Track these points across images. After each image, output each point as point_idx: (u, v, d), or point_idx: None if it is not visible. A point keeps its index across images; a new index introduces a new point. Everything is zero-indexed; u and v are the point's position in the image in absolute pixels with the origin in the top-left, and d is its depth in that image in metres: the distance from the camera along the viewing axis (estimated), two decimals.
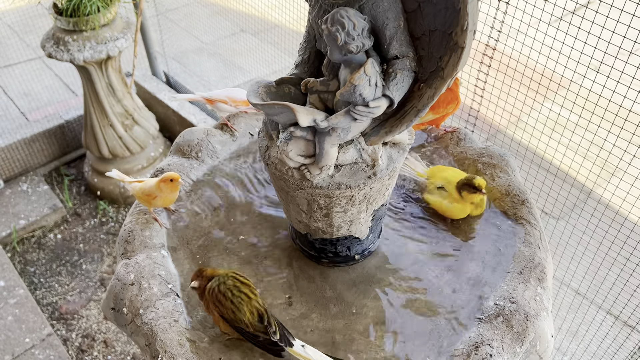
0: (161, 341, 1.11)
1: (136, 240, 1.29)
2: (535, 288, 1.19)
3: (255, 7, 3.93)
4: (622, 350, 2.03)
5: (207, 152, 1.52)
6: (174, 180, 1.28)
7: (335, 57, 0.96)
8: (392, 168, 1.10)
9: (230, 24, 4.23)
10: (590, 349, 2.06)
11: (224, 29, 4.21)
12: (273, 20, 4.23)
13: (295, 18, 3.02)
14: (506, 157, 1.45)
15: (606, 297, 1.93)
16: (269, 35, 4.03)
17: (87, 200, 3.05)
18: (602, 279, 1.91)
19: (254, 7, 3.98)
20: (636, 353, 2.20)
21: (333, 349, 1.15)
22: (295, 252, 1.33)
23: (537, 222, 1.34)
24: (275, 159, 1.11)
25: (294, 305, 1.24)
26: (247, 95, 1.03)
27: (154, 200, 1.29)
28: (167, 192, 1.28)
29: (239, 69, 3.86)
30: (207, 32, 4.21)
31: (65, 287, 2.63)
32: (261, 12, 4.03)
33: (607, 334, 2.09)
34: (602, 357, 2.04)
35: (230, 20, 4.26)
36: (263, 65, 3.68)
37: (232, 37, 4.17)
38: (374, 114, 0.98)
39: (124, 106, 2.84)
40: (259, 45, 3.99)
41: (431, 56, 0.99)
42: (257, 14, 4.10)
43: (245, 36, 4.16)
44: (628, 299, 1.81)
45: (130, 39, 2.64)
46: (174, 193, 1.30)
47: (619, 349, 2.01)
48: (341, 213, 1.13)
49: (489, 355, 1.08)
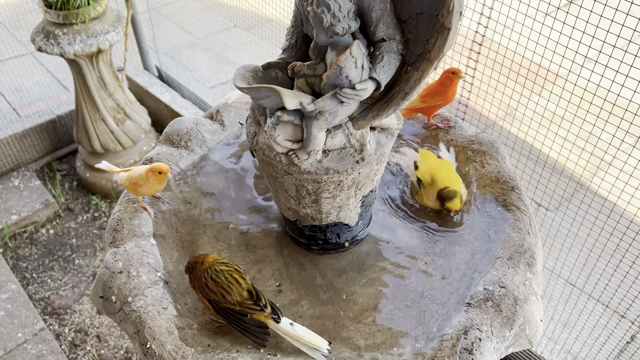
0: (150, 328, 1.10)
1: (125, 228, 1.28)
2: (524, 273, 1.19)
3: (248, 1, 3.91)
4: (613, 338, 2.03)
5: (197, 142, 1.51)
6: (163, 172, 1.26)
7: (321, 39, 0.95)
8: (381, 153, 1.10)
9: (223, 19, 4.22)
10: (582, 337, 2.07)
11: (216, 23, 4.20)
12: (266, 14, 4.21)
13: (289, 12, 3.01)
14: (496, 145, 1.45)
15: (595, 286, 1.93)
16: (262, 30, 4.02)
17: (79, 195, 3.03)
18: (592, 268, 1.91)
19: (247, 2, 3.96)
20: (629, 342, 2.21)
21: (323, 335, 1.14)
22: (285, 240, 1.33)
23: (526, 208, 1.34)
24: (263, 145, 1.11)
25: (284, 293, 1.23)
26: (234, 79, 1.03)
27: (139, 189, 1.28)
28: (153, 183, 1.27)
29: (232, 64, 3.85)
30: (200, 27, 4.20)
31: (58, 282, 2.62)
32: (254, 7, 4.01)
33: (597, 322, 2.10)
34: (593, 345, 2.05)
35: (223, 15, 4.25)
36: (256, 60, 3.65)
37: (225, 32, 4.16)
38: (361, 96, 0.97)
39: (115, 100, 2.83)
40: (252, 40, 3.98)
41: (418, 39, 0.99)
42: (250, 8, 4.09)
43: (238, 31, 4.14)
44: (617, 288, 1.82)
45: (121, 33, 2.62)
46: (160, 184, 1.29)
47: (609, 336, 2.02)
48: (330, 199, 1.13)
49: (478, 339, 1.08)
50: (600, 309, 2.27)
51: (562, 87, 1.68)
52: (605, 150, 1.68)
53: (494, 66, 1.86)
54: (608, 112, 1.55)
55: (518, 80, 1.84)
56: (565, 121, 1.75)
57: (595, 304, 2.27)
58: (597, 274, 1.92)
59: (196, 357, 1.07)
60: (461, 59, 1.91)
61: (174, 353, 1.07)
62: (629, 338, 2.27)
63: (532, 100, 1.91)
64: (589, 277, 1.99)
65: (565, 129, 1.77)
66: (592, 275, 1.96)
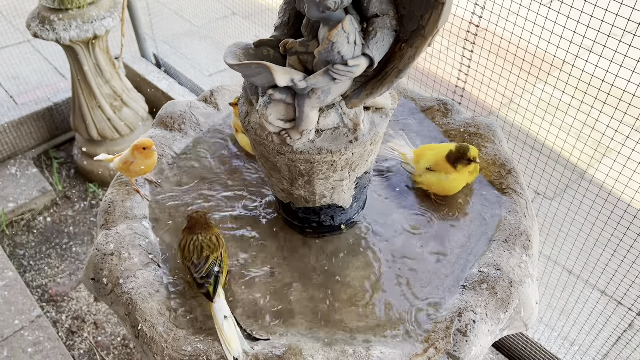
0: (141, 310, 1.09)
1: (116, 211, 1.27)
2: (520, 255, 1.18)
3: None
4: (610, 325, 2.03)
5: (190, 125, 1.50)
6: (147, 147, 1.26)
7: (312, 14, 0.93)
8: (374, 133, 1.08)
9: (221, 7, 4.19)
10: (579, 324, 2.06)
11: (215, 11, 4.17)
12: (265, 2, 4.19)
13: None
14: (492, 127, 1.44)
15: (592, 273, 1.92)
16: (261, 18, 3.99)
17: (76, 183, 3.02)
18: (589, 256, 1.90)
19: None
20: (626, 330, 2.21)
21: (317, 318, 1.13)
22: (279, 223, 1.32)
23: (523, 191, 1.33)
24: (255, 124, 1.09)
25: (276, 276, 1.22)
26: (224, 56, 1.01)
27: (131, 167, 1.27)
28: (141, 159, 1.26)
29: None
30: (199, 14, 4.17)
31: (55, 269, 2.61)
32: None
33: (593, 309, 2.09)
34: (590, 332, 2.04)
35: (221, 3, 4.21)
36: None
37: (223, 19, 4.13)
38: (354, 73, 0.96)
39: (112, 87, 2.81)
40: (251, 28, 3.94)
41: (412, 15, 0.97)
42: None
43: (237, 19, 4.11)
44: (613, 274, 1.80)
45: (117, 18, 2.60)
46: (149, 159, 1.28)
47: (606, 323, 2.01)
48: (323, 180, 1.11)
49: (472, 321, 1.06)
50: (597, 295, 2.26)
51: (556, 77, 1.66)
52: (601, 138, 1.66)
53: (489, 56, 1.84)
54: (603, 101, 1.53)
55: (514, 69, 1.82)
56: (561, 109, 1.73)
57: (592, 290, 2.26)
58: (594, 261, 1.91)
59: (188, 339, 1.06)
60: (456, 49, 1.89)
61: (165, 335, 1.07)
62: (626, 325, 2.26)
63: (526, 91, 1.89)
64: (585, 264, 1.98)
65: (560, 118, 1.75)
66: (589, 262, 1.95)
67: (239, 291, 1.18)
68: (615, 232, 1.72)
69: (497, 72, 1.87)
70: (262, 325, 1.12)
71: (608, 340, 2.07)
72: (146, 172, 1.33)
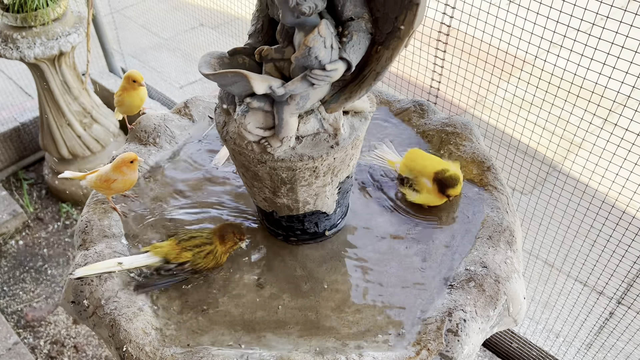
0: (125, 331, 1.06)
1: (94, 230, 1.23)
2: (505, 251, 1.18)
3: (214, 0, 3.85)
4: (592, 315, 2.05)
5: (166, 138, 1.47)
6: (134, 161, 1.24)
7: (287, 20, 0.92)
8: (355, 137, 1.07)
9: (189, 19, 4.15)
10: (562, 316, 2.09)
11: (183, 23, 4.13)
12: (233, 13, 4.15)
13: None
14: (469, 126, 1.44)
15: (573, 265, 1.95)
16: (230, 28, 3.96)
17: (48, 203, 2.95)
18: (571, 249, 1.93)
19: (212, 1, 3.91)
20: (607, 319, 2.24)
21: (307, 326, 1.12)
22: (262, 233, 1.30)
23: (503, 187, 1.33)
24: (233, 134, 1.07)
25: (264, 286, 1.20)
26: (199, 66, 0.99)
27: (114, 184, 1.24)
28: (128, 174, 1.24)
29: None
30: (166, 27, 4.13)
31: (31, 294, 2.54)
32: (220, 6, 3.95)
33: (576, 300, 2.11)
34: (574, 323, 2.06)
35: (189, 15, 4.18)
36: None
37: (191, 31, 4.10)
38: (332, 77, 0.95)
39: (81, 104, 2.75)
40: (220, 39, 3.92)
41: (387, 17, 0.96)
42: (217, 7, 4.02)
43: (206, 30, 4.08)
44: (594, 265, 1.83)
45: (83, 34, 2.55)
46: (133, 173, 1.25)
47: (589, 314, 2.04)
48: (306, 187, 1.10)
49: (463, 320, 1.06)
50: (579, 287, 2.29)
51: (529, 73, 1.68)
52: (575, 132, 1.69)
53: (462, 55, 1.85)
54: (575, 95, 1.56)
55: (486, 68, 1.84)
56: (534, 106, 1.76)
57: (573, 282, 2.29)
58: (574, 254, 1.94)
59: (176, 358, 1.03)
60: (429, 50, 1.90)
61: (152, 355, 1.04)
62: (607, 315, 2.30)
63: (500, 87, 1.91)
64: (566, 257, 2.00)
65: (534, 114, 1.77)
66: (570, 254, 1.98)
67: (225, 303, 1.16)
68: (594, 223, 1.75)
69: (467, 72, 1.89)
70: (252, 337, 1.10)
71: (592, 330, 2.10)
72: (127, 189, 1.30)
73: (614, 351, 2.04)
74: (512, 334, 2.03)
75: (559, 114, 1.67)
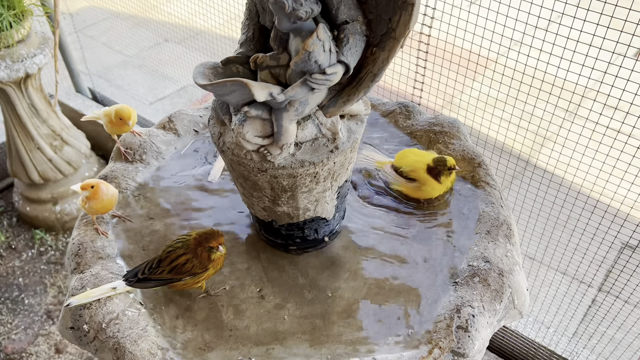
0: (131, 353, 1.03)
1: (88, 252, 1.19)
2: (504, 245, 1.20)
3: (177, 15, 3.81)
4: (575, 303, 2.10)
5: (152, 154, 1.44)
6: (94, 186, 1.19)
7: (284, 26, 0.92)
8: (353, 140, 1.07)
9: (153, 35, 4.10)
10: (546, 306, 2.13)
11: (147, 40, 4.07)
12: (197, 26, 4.12)
13: (221, 22, 2.96)
14: (456, 124, 1.46)
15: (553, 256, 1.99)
16: (195, 42, 3.93)
17: (20, 231, 2.84)
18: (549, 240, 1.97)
19: (176, 16, 3.86)
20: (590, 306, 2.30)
21: (316, 335, 1.10)
22: (260, 244, 1.28)
23: (495, 182, 1.35)
24: (231, 145, 1.06)
25: (266, 298, 1.18)
26: (194, 77, 0.98)
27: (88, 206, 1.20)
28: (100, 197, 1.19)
29: (167, 79, 3.75)
30: (130, 45, 4.06)
31: (8, 325, 2.44)
32: (184, 20, 3.91)
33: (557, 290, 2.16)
34: (557, 312, 2.10)
35: (152, 31, 4.12)
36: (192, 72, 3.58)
37: (156, 47, 4.04)
38: (332, 81, 0.95)
39: (50, 126, 2.67)
40: (186, 53, 3.88)
41: (380, 19, 0.97)
42: (180, 22, 3.98)
43: (170, 45, 4.04)
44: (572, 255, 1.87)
45: (49, 55, 2.48)
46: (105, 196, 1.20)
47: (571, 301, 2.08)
48: (306, 193, 1.09)
49: (472, 315, 1.07)
50: (560, 277, 2.34)
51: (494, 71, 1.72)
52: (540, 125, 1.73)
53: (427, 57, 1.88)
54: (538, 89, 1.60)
55: (453, 68, 1.87)
56: (502, 103, 1.79)
57: (554, 273, 2.34)
58: (553, 245, 1.98)
59: None
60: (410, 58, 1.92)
61: None
62: (589, 301, 2.36)
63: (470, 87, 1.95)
64: (546, 249, 2.04)
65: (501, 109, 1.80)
66: (549, 246, 2.02)
67: (230, 317, 1.14)
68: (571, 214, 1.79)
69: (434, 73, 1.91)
70: (261, 349, 1.08)
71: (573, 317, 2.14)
72: (107, 210, 1.25)
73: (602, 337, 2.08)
74: (503, 328, 2.05)
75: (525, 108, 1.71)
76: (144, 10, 3.79)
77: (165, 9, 3.91)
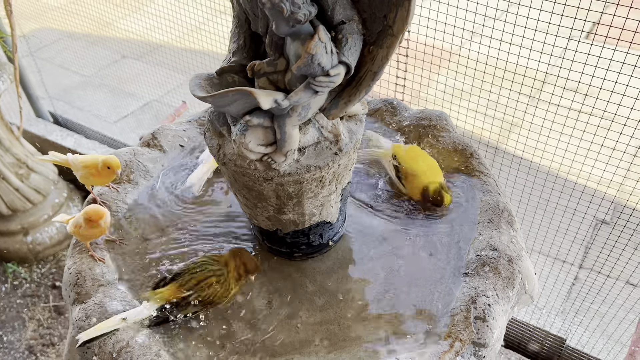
0: None
1: (87, 281, 1.14)
2: (508, 232, 1.21)
3: (133, 31, 3.72)
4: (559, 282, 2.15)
5: (139, 173, 1.39)
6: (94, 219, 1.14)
7: (282, 30, 0.90)
8: (355, 140, 1.06)
9: (110, 52, 3.99)
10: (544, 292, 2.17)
11: (104, 58, 3.96)
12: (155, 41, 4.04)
13: (179, 35, 2.91)
14: (443, 116, 1.47)
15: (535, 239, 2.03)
16: (154, 57, 3.85)
17: None
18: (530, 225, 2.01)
19: (132, 32, 3.77)
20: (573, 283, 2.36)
21: (333, 341, 1.09)
22: (263, 254, 1.25)
23: (488, 171, 1.37)
24: (232, 156, 1.03)
25: (276, 308, 1.16)
26: (192, 90, 0.95)
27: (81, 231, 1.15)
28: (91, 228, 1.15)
29: (129, 96, 3.66)
30: (87, 64, 3.94)
31: None
32: (140, 35, 3.83)
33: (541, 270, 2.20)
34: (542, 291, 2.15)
35: (109, 49, 4.02)
36: (155, 87, 3.50)
37: (114, 65, 3.94)
38: (335, 82, 0.93)
39: (14, 155, 2.57)
40: (146, 69, 3.79)
41: (375, 17, 0.96)
42: (137, 37, 3.89)
43: (129, 61, 3.94)
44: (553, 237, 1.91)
45: (7, 81, 2.38)
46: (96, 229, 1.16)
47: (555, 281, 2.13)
48: (312, 198, 1.07)
49: (488, 305, 1.07)
50: (543, 259, 2.39)
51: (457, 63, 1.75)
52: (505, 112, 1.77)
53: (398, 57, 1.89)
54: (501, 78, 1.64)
55: (417, 64, 1.88)
56: (467, 94, 1.82)
57: (538, 256, 2.39)
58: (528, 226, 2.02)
59: None
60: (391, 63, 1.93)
61: None
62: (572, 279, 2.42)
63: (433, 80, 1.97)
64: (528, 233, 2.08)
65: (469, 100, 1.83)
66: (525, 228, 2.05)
67: (243, 332, 1.11)
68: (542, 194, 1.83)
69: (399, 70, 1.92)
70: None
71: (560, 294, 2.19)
72: (101, 235, 1.21)
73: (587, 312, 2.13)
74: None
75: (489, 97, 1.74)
76: (98, 28, 3.68)
77: (119, 25, 3.81)
